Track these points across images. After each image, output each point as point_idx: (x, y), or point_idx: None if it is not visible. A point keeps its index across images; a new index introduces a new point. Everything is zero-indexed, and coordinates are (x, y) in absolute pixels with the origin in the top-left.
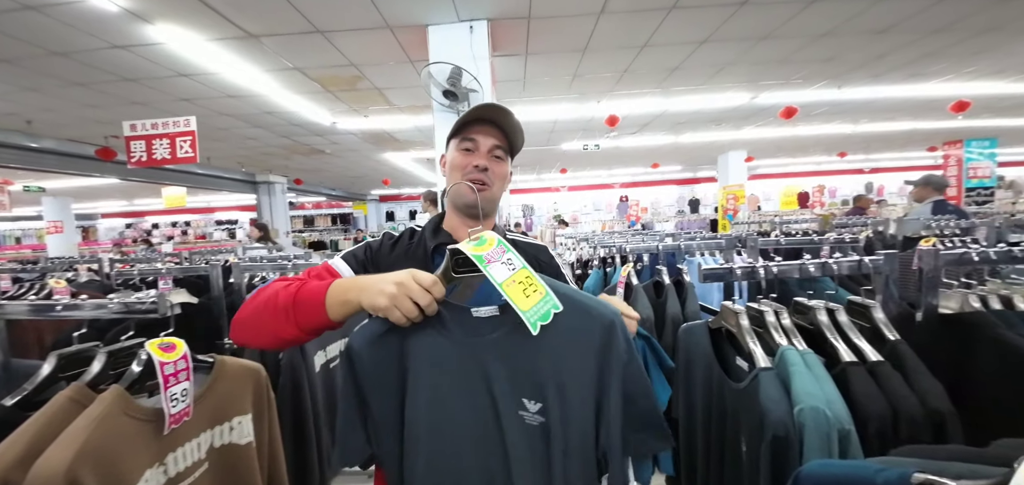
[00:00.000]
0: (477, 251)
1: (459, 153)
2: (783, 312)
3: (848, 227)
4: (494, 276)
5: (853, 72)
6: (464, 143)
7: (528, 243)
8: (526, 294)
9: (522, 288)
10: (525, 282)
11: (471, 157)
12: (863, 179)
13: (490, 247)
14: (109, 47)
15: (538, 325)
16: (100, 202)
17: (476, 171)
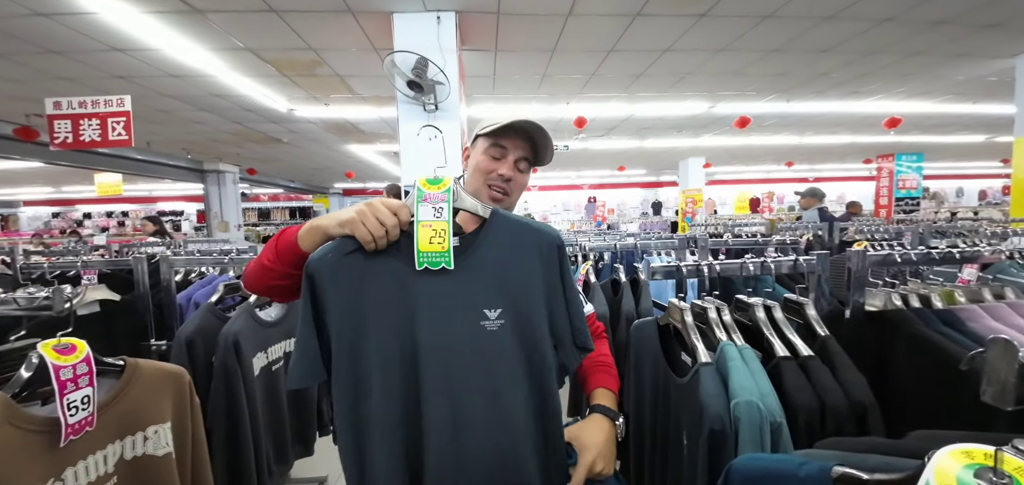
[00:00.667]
0: (426, 187)
1: (486, 157)
2: (724, 309)
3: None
4: (419, 212)
5: (800, 87)
6: (494, 148)
7: (539, 224)
8: (430, 241)
9: (430, 234)
10: (437, 231)
11: (497, 164)
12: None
13: (437, 190)
14: (30, 14)
15: (424, 264)
16: (22, 188)
17: (500, 180)
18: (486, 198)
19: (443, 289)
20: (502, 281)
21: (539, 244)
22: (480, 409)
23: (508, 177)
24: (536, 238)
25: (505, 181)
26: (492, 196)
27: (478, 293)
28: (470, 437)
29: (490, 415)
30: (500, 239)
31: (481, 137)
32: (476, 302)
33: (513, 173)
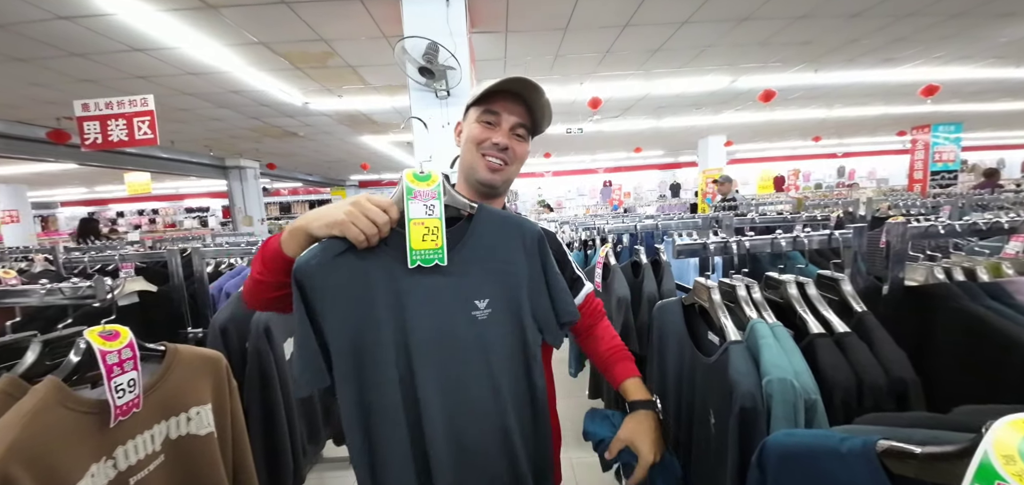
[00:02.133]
0: (415, 183)
1: (479, 125)
2: (754, 286)
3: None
4: (410, 209)
5: (829, 56)
6: (486, 115)
7: (522, 218)
8: (423, 238)
9: (422, 232)
10: (429, 228)
11: (491, 132)
12: (835, 163)
13: (426, 186)
14: (53, 18)
15: (417, 261)
16: (58, 189)
17: (496, 150)
18: (483, 171)
19: (435, 283)
20: (489, 272)
21: (522, 236)
22: (475, 394)
23: (504, 145)
24: (520, 231)
25: (502, 150)
26: (490, 167)
27: (468, 285)
28: (467, 423)
29: (484, 399)
30: (486, 232)
31: (472, 107)
32: (467, 294)
33: (510, 141)
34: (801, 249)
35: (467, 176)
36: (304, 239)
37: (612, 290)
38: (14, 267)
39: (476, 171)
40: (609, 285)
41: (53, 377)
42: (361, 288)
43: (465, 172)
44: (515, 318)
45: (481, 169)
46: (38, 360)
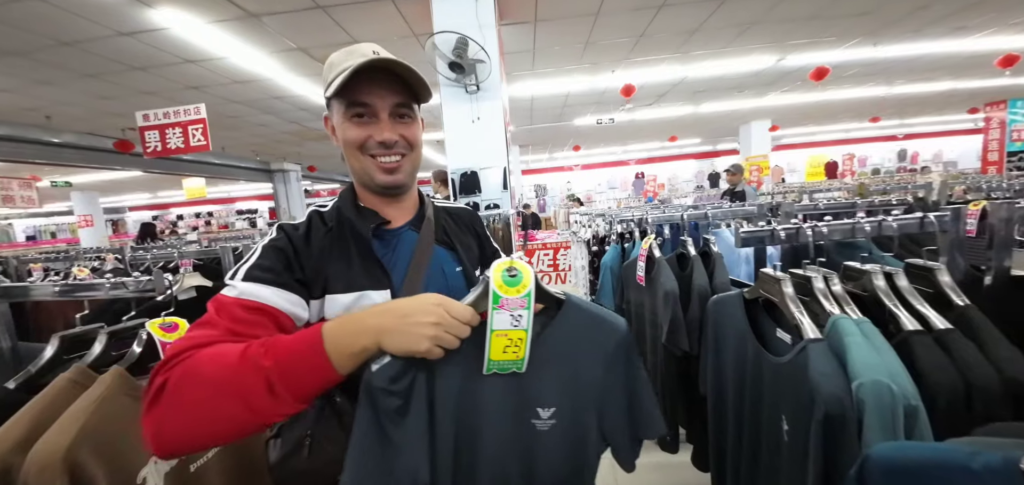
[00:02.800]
0: (503, 289)
1: (351, 124)
2: (833, 277)
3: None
4: (494, 319)
5: (891, 27)
6: (354, 109)
7: (459, 209)
8: (504, 350)
9: (505, 344)
10: (512, 341)
11: (368, 128)
12: (896, 146)
13: (516, 293)
14: (115, 35)
15: (493, 370)
16: (126, 196)
17: (383, 149)
18: (380, 175)
19: (507, 387)
20: (563, 379)
21: (608, 339)
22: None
23: (392, 140)
24: (606, 333)
25: (389, 147)
26: (384, 168)
27: (537, 390)
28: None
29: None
30: (570, 331)
31: (333, 100)
32: (533, 399)
33: (396, 131)
34: (887, 235)
35: (364, 183)
36: (365, 357)
37: (658, 284)
38: (87, 266)
39: (372, 177)
40: (654, 279)
41: (118, 367)
42: (430, 395)
43: (359, 179)
44: (580, 431)
45: (377, 174)
46: (104, 351)
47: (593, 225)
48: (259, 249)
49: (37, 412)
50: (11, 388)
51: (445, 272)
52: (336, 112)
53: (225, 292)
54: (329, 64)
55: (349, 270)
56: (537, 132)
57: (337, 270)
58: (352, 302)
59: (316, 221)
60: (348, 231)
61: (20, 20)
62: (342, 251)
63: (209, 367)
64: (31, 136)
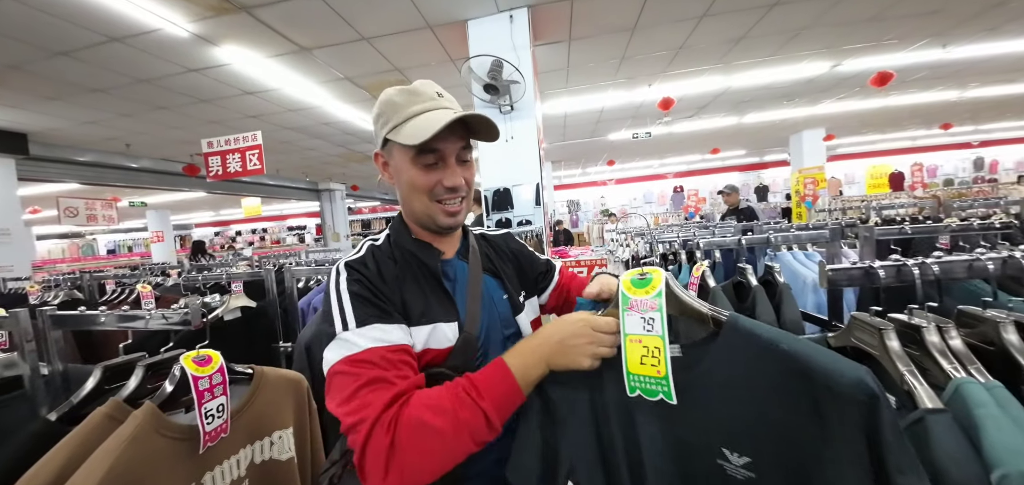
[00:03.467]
0: (631, 290)
1: (420, 170)
2: (950, 328)
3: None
4: (626, 322)
5: (963, 26)
6: (425, 157)
7: (495, 235)
8: (641, 360)
9: (641, 352)
10: (649, 349)
11: (437, 174)
12: (970, 154)
13: (645, 294)
14: (185, 71)
15: (637, 390)
16: (193, 213)
17: (450, 194)
18: (444, 218)
19: (668, 416)
20: (751, 420)
21: (817, 390)
22: None
23: (456, 185)
24: (809, 381)
25: (455, 191)
26: (449, 212)
27: (716, 425)
28: None
29: None
30: (737, 358)
31: (396, 143)
32: (713, 436)
33: (460, 176)
34: (1015, 271)
35: (422, 223)
36: (541, 378)
37: None
38: (151, 282)
39: (435, 219)
40: None
41: (150, 403)
42: (587, 417)
43: (418, 219)
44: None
45: (442, 217)
46: (141, 384)
47: (631, 245)
48: (346, 292)
49: (71, 449)
50: (52, 420)
51: (494, 299)
52: (399, 155)
53: (348, 340)
54: (389, 103)
55: (424, 302)
56: (570, 148)
57: (413, 303)
58: (428, 334)
59: (380, 256)
60: (416, 265)
61: (105, 61)
62: (413, 284)
63: (432, 418)
64: (113, 162)
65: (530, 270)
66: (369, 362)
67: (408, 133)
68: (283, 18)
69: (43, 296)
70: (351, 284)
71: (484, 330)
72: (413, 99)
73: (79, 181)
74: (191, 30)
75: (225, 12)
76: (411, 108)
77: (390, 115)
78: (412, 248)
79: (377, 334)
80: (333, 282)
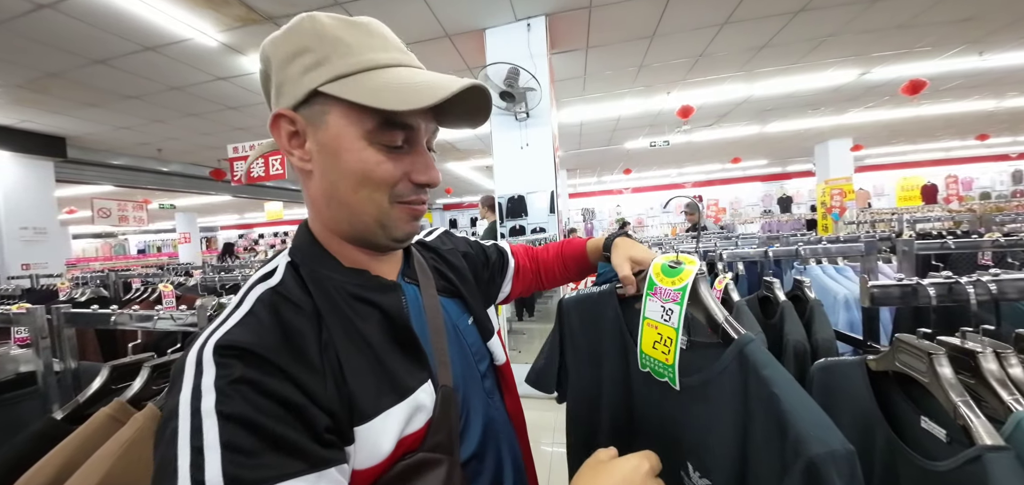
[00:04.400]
0: (659, 277)
1: (380, 153)
2: (1010, 355)
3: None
4: (647, 306)
5: (1000, 33)
6: (389, 134)
7: (434, 240)
8: (653, 345)
9: (654, 337)
10: (662, 337)
11: (404, 162)
12: (1008, 166)
13: (671, 284)
14: (214, 79)
15: (647, 368)
16: (219, 216)
17: (417, 193)
18: (402, 228)
19: (664, 402)
20: (724, 443)
21: (783, 446)
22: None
23: (432, 181)
24: (782, 438)
25: (422, 189)
26: (414, 214)
27: (698, 432)
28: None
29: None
30: (732, 381)
31: (344, 106)
32: (690, 442)
33: (436, 170)
34: None
35: (363, 235)
36: None
37: None
38: (174, 281)
39: (391, 229)
40: None
41: (152, 405)
42: (602, 360)
43: (357, 230)
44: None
45: (402, 225)
46: (145, 385)
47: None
48: (214, 418)
49: (72, 450)
50: (58, 419)
51: (459, 329)
52: (341, 121)
53: None
54: (323, 35)
55: (379, 375)
56: (586, 156)
57: (363, 381)
58: (402, 419)
59: (287, 311)
60: (353, 310)
61: (139, 69)
62: (357, 346)
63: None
64: (145, 166)
65: (484, 270)
66: None
67: (373, 89)
68: None
69: (71, 293)
70: (223, 397)
71: (459, 376)
72: (369, 41)
73: (113, 183)
74: (220, 40)
75: (252, 22)
76: (371, 54)
77: (328, 53)
78: (345, 283)
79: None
80: (187, 390)
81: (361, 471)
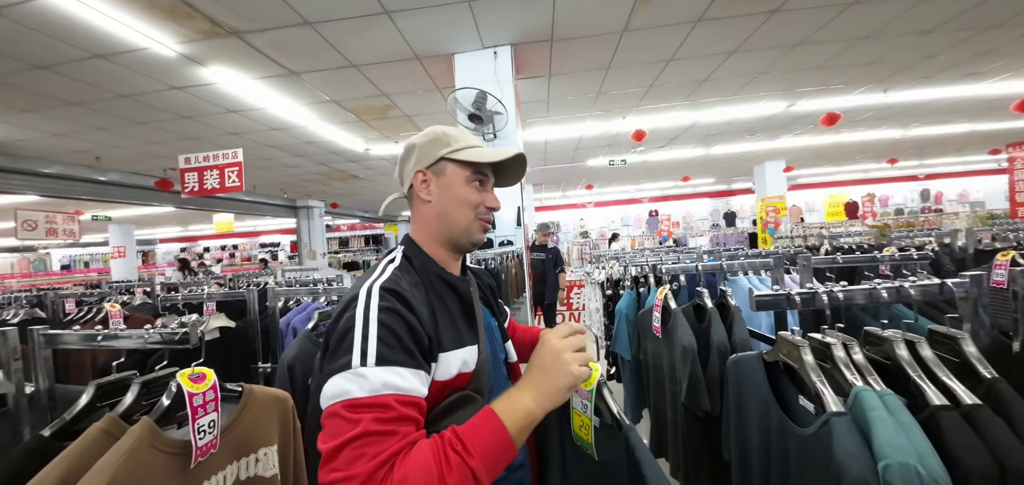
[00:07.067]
0: None
1: (472, 188)
2: (854, 345)
3: (907, 239)
4: (573, 397)
5: (900, 74)
6: (478, 176)
7: (477, 269)
8: (579, 427)
9: (579, 421)
10: (583, 423)
11: (483, 195)
12: (917, 186)
13: (586, 387)
14: (168, 88)
15: (578, 441)
16: (159, 228)
17: (489, 214)
18: (479, 233)
19: (591, 469)
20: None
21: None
22: None
23: (495, 207)
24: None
25: (491, 211)
26: (484, 228)
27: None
28: None
29: None
30: (623, 465)
31: (453, 163)
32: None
33: (497, 201)
34: (906, 301)
35: (453, 237)
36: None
37: (675, 337)
38: (118, 301)
39: (471, 234)
40: (670, 331)
41: (148, 418)
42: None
43: (450, 234)
44: None
45: (479, 233)
46: (136, 400)
47: (608, 267)
48: (375, 320)
49: (69, 464)
50: (46, 436)
51: (490, 324)
52: (454, 173)
53: (363, 377)
54: (446, 134)
55: (455, 327)
56: (551, 172)
57: (446, 329)
58: (462, 359)
59: (409, 278)
60: (442, 288)
61: (85, 75)
62: (443, 307)
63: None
64: (81, 175)
65: (500, 305)
66: (372, 408)
67: (474, 155)
68: (273, 44)
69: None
70: (383, 313)
71: (489, 353)
72: (467, 136)
73: (40, 193)
74: (179, 51)
75: (216, 36)
76: (469, 140)
77: (449, 141)
78: (440, 272)
79: (392, 378)
80: (362, 306)
81: (438, 382)
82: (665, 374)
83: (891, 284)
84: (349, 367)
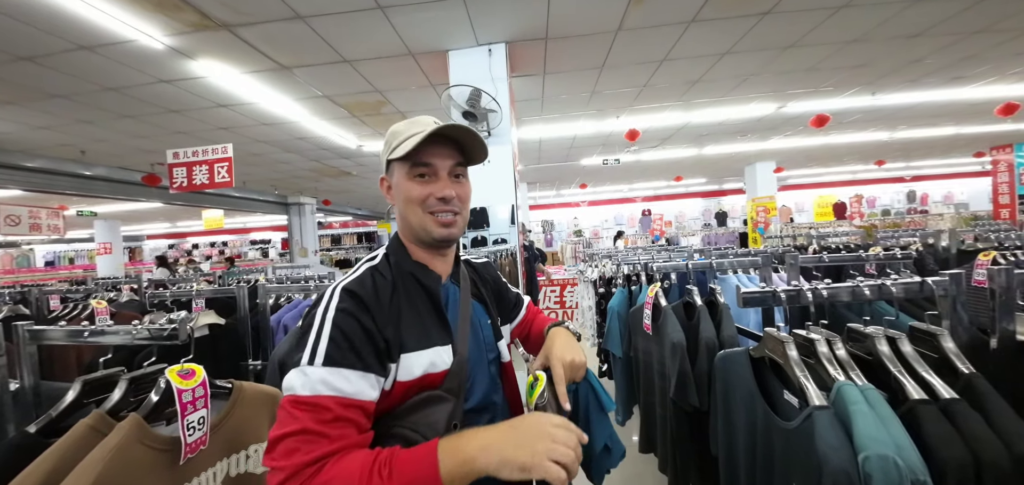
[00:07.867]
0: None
1: (413, 182)
2: (837, 341)
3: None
4: None
5: (887, 78)
6: (417, 169)
7: (480, 263)
8: None
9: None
10: None
11: (430, 186)
12: (904, 187)
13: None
14: (156, 82)
15: None
16: (146, 224)
17: (442, 205)
18: (437, 229)
19: None
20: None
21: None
22: None
23: (449, 196)
24: None
25: (447, 203)
26: (442, 223)
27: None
28: None
29: None
30: None
31: (396, 162)
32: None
33: (453, 189)
34: (887, 298)
35: (418, 237)
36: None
37: (665, 334)
38: (105, 298)
39: (429, 232)
40: (660, 328)
41: (136, 415)
42: None
43: (413, 233)
44: None
45: (435, 228)
46: (124, 397)
47: (600, 265)
48: (330, 322)
49: (56, 460)
50: (32, 432)
51: (480, 324)
52: (398, 172)
53: (308, 376)
54: (393, 133)
55: (421, 327)
56: (545, 171)
57: (410, 328)
58: (428, 359)
59: (378, 279)
60: (412, 286)
61: (70, 67)
62: (411, 307)
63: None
64: (65, 169)
65: (505, 299)
66: (312, 408)
67: (403, 148)
68: (265, 38)
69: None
70: (338, 314)
71: (471, 353)
72: (412, 126)
73: (23, 188)
74: (167, 43)
75: (206, 28)
76: (409, 131)
77: (392, 140)
78: (411, 270)
79: (335, 379)
80: (323, 305)
81: (402, 382)
82: (655, 370)
83: (872, 282)
84: (299, 364)
